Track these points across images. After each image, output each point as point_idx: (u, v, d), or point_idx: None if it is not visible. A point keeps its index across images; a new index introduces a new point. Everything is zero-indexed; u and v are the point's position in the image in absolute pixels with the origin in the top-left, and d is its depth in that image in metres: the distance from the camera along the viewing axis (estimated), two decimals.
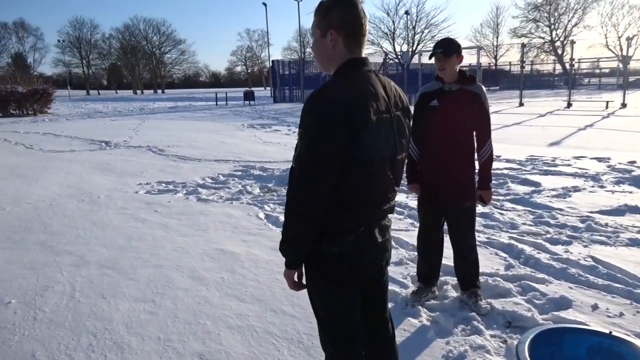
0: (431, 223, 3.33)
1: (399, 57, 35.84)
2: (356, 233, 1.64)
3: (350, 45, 1.63)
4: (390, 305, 3.19)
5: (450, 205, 3.20)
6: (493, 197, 5.97)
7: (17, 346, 2.84)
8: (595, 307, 3.14)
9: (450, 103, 3.04)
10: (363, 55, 1.68)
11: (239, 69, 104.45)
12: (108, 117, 23.12)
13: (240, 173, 8.00)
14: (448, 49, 2.98)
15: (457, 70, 3.06)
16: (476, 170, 3.23)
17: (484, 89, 3.15)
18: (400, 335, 2.86)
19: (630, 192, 6.08)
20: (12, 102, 24.50)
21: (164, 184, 7.26)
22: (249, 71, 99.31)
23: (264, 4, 54.23)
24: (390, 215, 1.82)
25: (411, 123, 1.82)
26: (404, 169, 1.85)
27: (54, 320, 3.14)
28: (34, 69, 76.15)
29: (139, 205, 6.08)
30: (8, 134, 14.81)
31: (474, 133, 3.15)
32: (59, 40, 78.04)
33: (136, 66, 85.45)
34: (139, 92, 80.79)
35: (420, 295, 3.29)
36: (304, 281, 1.77)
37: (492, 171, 3.25)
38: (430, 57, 3.11)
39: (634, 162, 7.90)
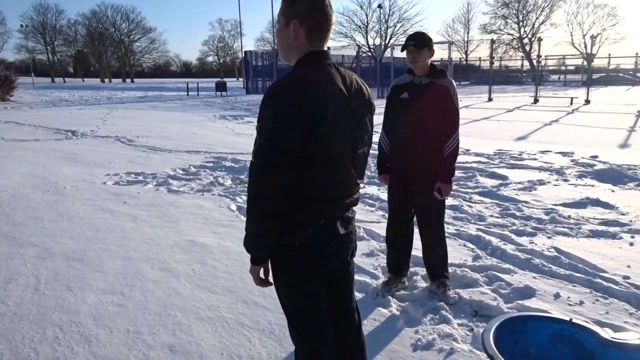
0: (400, 215, 3.39)
1: (372, 50, 35.97)
2: (316, 225, 1.64)
3: (312, 38, 1.62)
4: (360, 295, 3.24)
5: (418, 197, 3.26)
6: (462, 190, 6.10)
7: None
8: (557, 296, 3.25)
9: (421, 96, 3.10)
10: (324, 49, 1.67)
11: (210, 59, 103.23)
12: (74, 105, 22.50)
13: (211, 164, 7.93)
14: (420, 41, 3.04)
15: (429, 63, 3.12)
16: None
17: (454, 83, 3.20)
18: (371, 324, 2.91)
19: (592, 186, 6.29)
20: None
21: (133, 175, 7.13)
22: (220, 62, 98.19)
23: None
24: (356, 207, 1.83)
25: (373, 117, 1.82)
26: (367, 163, 1.86)
27: (17, 314, 3.06)
28: None
29: (107, 196, 5.96)
30: None
31: (442, 126, 3.18)
32: (22, 25, 75.26)
33: (104, 54, 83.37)
34: (107, 80, 78.84)
35: (390, 285, 3.34)
36: (270, 278, 1.76)
37: (456, 164, 3.29)
38: (402, 50, 3.18)
39: (596, 156, 8.16)
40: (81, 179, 6.91)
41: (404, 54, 3.23)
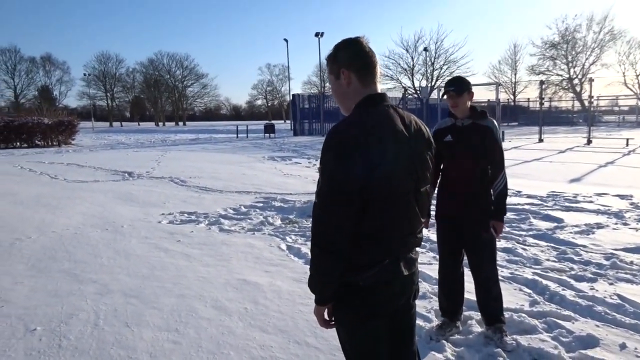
0: (450, 258, 3.38)
1: (418, 92, 36.16)
2: (381, 265, 1.65)
3: (363, 80, 1.71)
4: None
5: (469, 238, 3.26)
6: (516, 232, 5.94)
7: None
8: (623, 346, 3.07)
9: (464, 138, 3.18)
10: (379, 91, 1.74)
11: (259, 102, 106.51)
12: (130, 148, 23.62)
13: (261, 204, 8.08)
14: (459, 87, 3.14)
15: (469, 106, 3.20)
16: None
17: (496, 123, 3.25)
18: None
19: None
20: (37, 133, 25.25)
21: (186, 215, 7.36)
22: (269, 104, 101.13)
23: (285, 40, 55.87)
24: (417, 249, 1.83)
25: (433, 152, 1.85)
26: (431, 201, 1.88)
27: (78, 348, 3.18)
28: (60, 101, 78.67)
29: (162, 235, 6.16)
30: (33, 164, 15.20)
31: (488, 166, 3.22)
32: (84, 74, 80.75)
33: (159, 99, 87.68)
34: (160, 124, 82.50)
35: (444, 329, 3.26)
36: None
37: (508, 206, 3.28)
38: (442, 96, 3.27)
39: None
40: (137, 218, 7.19)
41: (441, 97, 3.31)
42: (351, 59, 1.71)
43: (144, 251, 5.42)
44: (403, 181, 1.66)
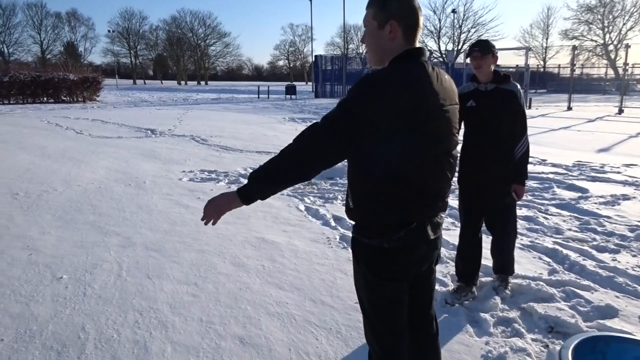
0: (472, 224, 3.38)
1: (444, 56, 35.26)
2: (408, 228, 1.61)
3: (408, 37, 1.62)
4: None
5: (491, 201, 3.29)
6: (538, 200, 5.86)
7: (68, 319, 2.98)
8: None
9: (487, 102, 3.16)
10: (419, 46, 1.65)
11: (281, 63, 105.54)
12: (153, 106, 23.76)
13: None
14: (484, 47, 3.11)
15: (492, 70, 3.18)
16: None
17: (519, 87, 3.23)
18: (440, 333, 2.84)
19: None
20: (63, 89, 25.57)
21: (206, 173, 7.43)
22: (291, 65, 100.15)
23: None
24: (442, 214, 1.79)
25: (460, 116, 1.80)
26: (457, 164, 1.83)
27: (102, 297, 3.28)
28: (85, 57, 79.30)
29: (183, 191, 6.25)
30: (60, 119, 15.45)
31: (511, 131, 3.20)
32: (109, 31, 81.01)
33: (181, 57, 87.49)
34: (183, 83, 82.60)
35: (460, 294, 3.27)
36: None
37: (532, 174, 3.33)
38: (467, 57, 3.21)
39: None
40: (159, 174, 7.29)
41: (466, 60, 3.29)
42: (404, 12, 1.59)
43: (165, 207, 5.50)
44: (436, 141, 1.59)
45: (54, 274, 3.63)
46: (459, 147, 1.75)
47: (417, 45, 1.65)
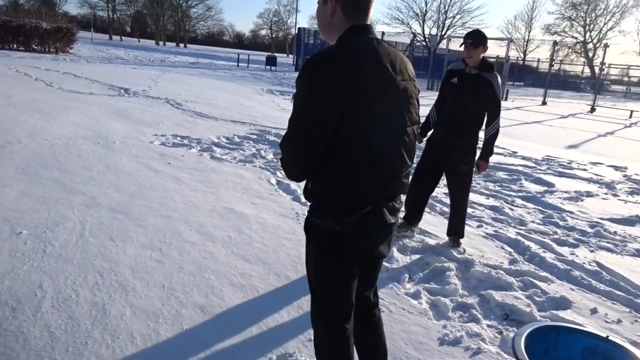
0: (424, 176, 3.99)
1: (427, 40, 35.19)
2: (361, 212, 1.58)
3: (349, 16, 1.56)
4: (389, 265, 3.24)
5: (449, 167, 3.90)
6: (505, 192, 5.98)
7: (26, 275, 2.91)
8: (594, 311, 3.16)
9: (467, 84, 3.66)
10: (366, 23, 1.59)
11: (263, 32, 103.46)
12: (129, 64, 23.06)
13: (255, 136, 8.01)
14: (477, 40, 3.56)
15: (481, 58, 3.65)
16: (478, 144, 3.81)
17: (499, 78, 3.70)
18: (399, 314, 2.90)
19: None
20: (35, 37, 24.48)
21: (179, 138, 7.28)
22: (273, 36, 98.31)
23: None
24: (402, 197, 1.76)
25: (418, 95, 1.74)
26: (416, 144, 1.80)
27: (62, 256, 3.21)
28: (60, 6, 75.79)
29: (153, 155, 6.12)
30: (29, 69, 14.84)
31: (485, 113, 3.75)
32: None
33: (161, 16, 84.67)
34: (161, 43, 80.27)
35: (399, 229, 3.88)
36: None
37: (501, 166, 3.93)
38: (461, 46, 3.67)
39: None
40: (130, 135, 7.12)
41: (458, 47, 3.75)
42: None
43: (133, 169, 5.39)
44: (387, 120, 1.54)
45: (13, 229, 3.53)
46: (415, 127, 1.68)
47: (367, 22, 1.59)
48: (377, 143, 1.51)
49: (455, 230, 4.00)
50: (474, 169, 3.89)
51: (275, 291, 3.03)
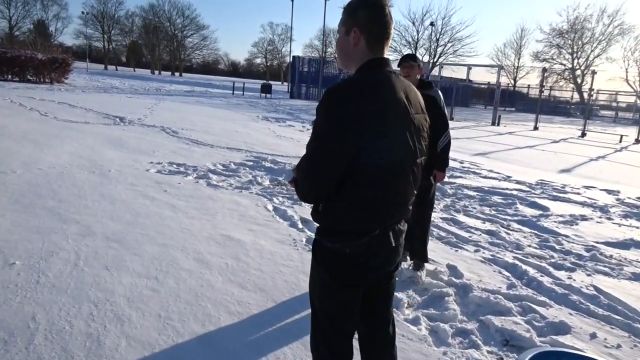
0: None
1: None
2: (370, 235, 1.62)
3: (372, 47, 1.63)
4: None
5: None
6: (501, 216, 5.99)
7: (18, 307, 2.86)
8: (593, 336, 3.13)
9: None
10: (385, 56, 1.66)
11: (258, 60, 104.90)
12: (124, 93, 23.21)
13: (251, 163, 8.03)
14: (414, 60, 3.71)
15: (418, 77, 3.76)
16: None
17: (440, 93, 3.81)
18: (399, 340, 2.86)
19: (637, 227, 6.05)
20: (30, 68, 24.64)
21: (175, 165, 7.29)
22: (268, 64, 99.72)
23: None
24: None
25: (428, 126, 1.82)
26: (421, 173, 1.84)
27: (56, 286, 3.17)
28: (55, 38, 76.67)
29: (149, 183, 6.11)
30: (24, 99, 14.90)
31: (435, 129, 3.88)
32: (82, 12, 78.83)
33: (157, 46, 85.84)
34: (157, 72, 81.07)
35: None
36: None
37: (496, 190, 3.82)
38: (398, 65, 3.71)
39: None
40: (125, 164, 7.12)
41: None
42: (368, 21, 1.60)
43: (129, 197, 5.37)
44: (401, 152, 1.61)
45: (6, 259, 3.49)
46: (424, 158, 1.77)
47: (385, 54, 1.67)
48: (392, 172, 1.59)
49: (418, 254, 3.90)
50: (432, 180, 3.85)
51: (273, 319, 2.99)
